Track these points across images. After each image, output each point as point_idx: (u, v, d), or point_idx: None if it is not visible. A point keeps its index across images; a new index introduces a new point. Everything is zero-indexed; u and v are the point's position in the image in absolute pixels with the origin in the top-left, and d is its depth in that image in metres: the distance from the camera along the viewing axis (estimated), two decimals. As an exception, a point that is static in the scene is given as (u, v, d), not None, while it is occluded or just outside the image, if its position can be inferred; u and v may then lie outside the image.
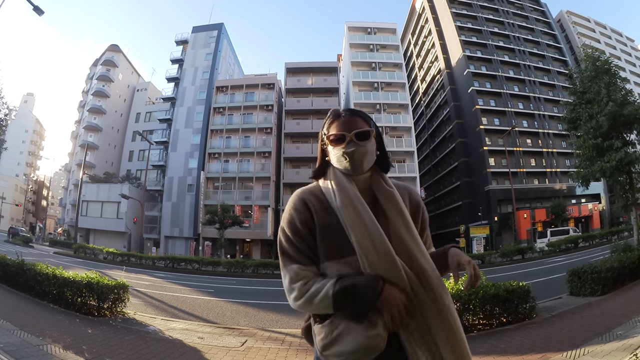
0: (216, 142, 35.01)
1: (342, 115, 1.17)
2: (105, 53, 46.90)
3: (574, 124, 11.19)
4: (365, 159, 1.12)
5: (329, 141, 1.15)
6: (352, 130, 1.12)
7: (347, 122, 1.14)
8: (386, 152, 1.22)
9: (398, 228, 1.08)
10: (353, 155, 1.11)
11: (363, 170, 1.14)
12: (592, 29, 54.17)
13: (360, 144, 1.11)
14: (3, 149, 16.17)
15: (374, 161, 1.17)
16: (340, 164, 1.13)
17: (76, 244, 24.87)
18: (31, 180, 65.15)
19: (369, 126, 1.15)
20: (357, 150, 1.11)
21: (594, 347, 3.49)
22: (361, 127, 1.14)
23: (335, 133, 1.14)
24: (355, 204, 1.07)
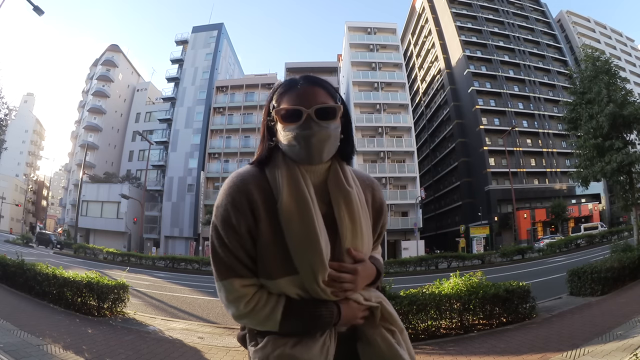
0: (216, 142, 35.03)
1: (299, 84, 0.88)
2: (105, 53, 46.90)
3: (574, 124, 11.20)
4: (326, 145, 0.85)
5: (279, 117, 0.85)
6: (312, 106, 0.83)
7: (306, 93, 0.85)
8: (352, 137, 0.95)
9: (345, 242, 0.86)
10: (310, 140, 0.82)
11: (322, 160, 0.87)
12: (592, 29, 54.17)
13: (322, 125, 0.83)
14: (3, 149, 16.17)
15: (337, 147, 0.89)
16: (292, 150, 0.85)
17: (76, 244, 24.88)
18: (31, 180, 65.17)
19: (334, 101, 0.87)
20: (316, 132, 0.82)
21: (594, 347, 3.49)
22: (324, 102, 0.85)
23: (287, 107, 0.84)
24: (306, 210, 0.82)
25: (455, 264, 16.96)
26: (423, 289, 4.69)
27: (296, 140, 0.83)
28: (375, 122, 33.96)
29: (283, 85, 0.90)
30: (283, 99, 0.87)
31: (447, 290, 4.65)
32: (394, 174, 32.39)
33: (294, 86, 0.87)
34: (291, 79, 0.90)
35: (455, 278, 4.89)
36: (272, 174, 0.87)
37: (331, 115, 0.85)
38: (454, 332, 4.50)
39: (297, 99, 0.85)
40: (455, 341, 4.21)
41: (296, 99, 0.85)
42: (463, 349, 3.89)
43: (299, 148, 0.84)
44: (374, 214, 0.99)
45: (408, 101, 36.31)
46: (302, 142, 0.83)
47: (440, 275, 5.44)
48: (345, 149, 0.94)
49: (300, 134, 0.82)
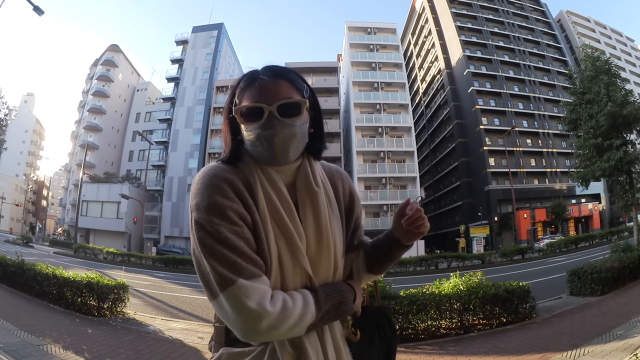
0: (216, 142, 35.01)
1: (259, 77, 0.78)
2: (105, 53, 46.91)
3: (575, 125, 11.21)
4: (291, 144, 0.77)
5: (239, 116, 0.77)
6: (274, 102, 0.75)
7: (267, 88, 0.76)
8: (321, 129, 0.87)
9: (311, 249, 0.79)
10: (273, 140, 0.75)
11: (288, 161, 0.79)
12: (592, 29, 54.18)
13: (286, 122, 0.75)
14: (3, 149, 16.19)
15: (305, 145, 0.81)
16: (255, 151, 0.78)
17: (76, 244, 24.88)
18: (31, 180, 65.15)
19: (300, 95, 0.79)
20: (279, 132, 0.75)
21: (594, 347, 3.49)
22: (288, 97, 0.76)
23: (247, 105, 0.76)
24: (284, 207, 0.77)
25: (455, 264, 16.96)
26: (423, 289, 4.70)
27: (258, 141, 0.75)
28: (375, 122, 33.95)
29: (244, 79, 0.81)
30: (244, 94, 0.79)
31: (447, 290, 4.65)
32: (394, 174, 32.39)
33: (255, 80, 0.78)
34: (252, 72, 0.81)
35: (455, 278, 4.89)
36: (248, 171, 0.79)
37: (296, 111, 0.77)
38: (454, 332, 4.50)
39: (258, 94, 0.76)
40: (455, 341, 4.21)
41: (257, 94, 0.76)
42: (463, 349, 3.89)
43: (262, 149, 0.76)
44: (346, 207, 0.92)
45: (408, 101, 36.30)
46: (264, 142, 0.75)
47: (440, 275, 5.45)
48: (315, 144, 0.86)
49: (262, 134, 0.75)
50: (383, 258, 0.90)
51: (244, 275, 0.68)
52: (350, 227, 0.93)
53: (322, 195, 0.84)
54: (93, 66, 48.80)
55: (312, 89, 0.85)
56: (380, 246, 0.89)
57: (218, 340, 0.82)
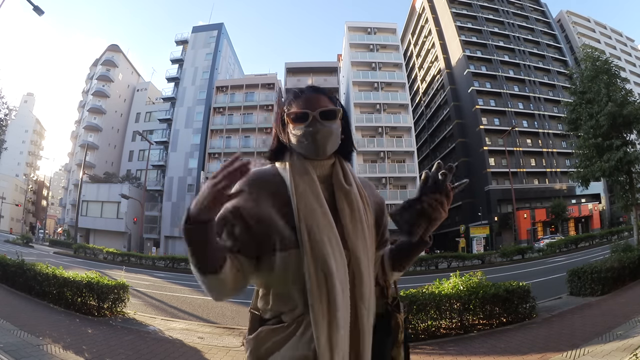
0: (216, 142, 35.02)
1: (305, 92, 1.04)
2: (105, 53, 46.90)
3: (575, 125, 11.20)
4: (329, 140, 0.99)
5: (289, 120, 1.01)
6: (317, 109, 0.99)
7: (311, 99, 1.01)
8: (351, 137, 1.10)
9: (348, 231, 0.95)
10: (316, 136, 0.97)
11: (326, 154, 1.01)
12: (592, 29, 54.17)
13: (325, 124, 0.98)
14: (3, 149, 16.18)
15: (338, 144, 1.04)
16: (301, 146, 0.99)
17: (76, 244, 24.88)
18: (31, 180, 65.15)
19: (334, 105, 1.03)
20: (320, 130, 0.97)
21: (594, 347, 3.50)
22: (326, 106, 1.00)
23: (296, 111, 1.00)
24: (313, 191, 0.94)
25: (455, 264, 16.96)
26: (423, 289, 4.69)
27: (304, 137, 0.98)
28: (375, 122, 33.93)
29: (292, 94, 1.05)
30: (292, 104, 1.03)
31: (447, 290, 4.65)
32: (394, 174, 32.38)
33: (302, 94, 1.03)
34: (299, 89, 1.06)
35: (455, 278, 4.89)
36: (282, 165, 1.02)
37: (332, 116, 1.00)
38: (454, 332, 4.50)
39: (304, 104, 1.00)
40: (455, 341, 4.21)
41: (303, 104, 1.00)
42: (463, 349, 3.89)
43: (306, 143, 0.98)
44: (376, 212, 1.09)
45: (408, 101, 36.29)
46: (309, 138, 0.97)
47: (440, 275, 5.45)
48: (346, 147, 1.09)
49: (307, 131, 0.97)
50: (405, 256, 1.08)
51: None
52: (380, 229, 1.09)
53: (355, 191, 1.02)
54: (93, 66, 48.80)
55: (343, 106, 1.08)
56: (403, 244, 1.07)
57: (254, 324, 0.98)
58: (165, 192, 34.88)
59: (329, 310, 0.85)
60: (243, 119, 35.58)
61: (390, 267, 1.09)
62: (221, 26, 41.67)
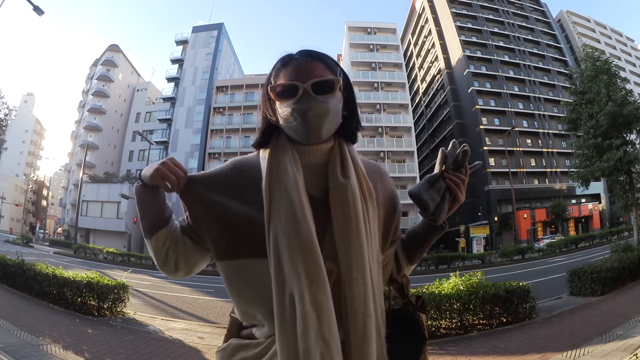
0: (216, 142, 35.05)
1: (295, 58, 0.82)
2: (105, 53, 46.92)
3: (575, 124, 11.21)
4: (325, 120, 0.78)
5: (274, 94, 0.81)
6: (309, 80, 0.77)
7: (302, 67, 0.80)
8: (356, 114, 0.89)
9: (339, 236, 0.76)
10: (307, 115, 0.76)
11: (321, 137, 0.80)
12: (592, 29, 54.17)
13: (319, 99, 0.77)
14: (3, 149, 16.17)
15: (338, 124, 0.83)
16: (289, 127, 0.80)
17: (76, 244, 24.87)
18: (31, 180, 65.16)
19: (333, 74, 0.81)
20: (313, 107, 0.76)
21: (594, 347, 3.49)
22: (321, 76, 0.79)
23: (282, 82, 0.80)
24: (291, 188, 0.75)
25: (455, 264, 16.96)
26: (423, 289, 4.69)
27: (293, 116, 0.78)
28: (375, 122, 33.94)
29: (279, 61, 0.84)
30: (279, 75, 0.82)
31: (447, 290, 4.65)
32: (394, 174, 32.33)
33: (290, 61, 0.82)
34: (287, 54, 0.84)
35: (455, 278, 4.89)
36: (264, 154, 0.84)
37: (329, 88, 0.79)
38: (454, 332, 4.50)
39: (293, 73, 0.79)
40: (455, 341, 4.21)
41: (292, 73, 0.79)
42: (463, 349, 3.89)
43: (295, 124, 0.78)
44: (386, 207, 0.91)
45: (408, 101, 36.32)
46: (298, 117, 0.77)
47: (440, 275, 5.44)
48: (349, 126, 0.87)
49: (297, 108, 0.77)
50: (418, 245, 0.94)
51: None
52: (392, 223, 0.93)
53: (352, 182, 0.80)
54: (93, 66, 48.81)
55: (345, 73, 0.87)
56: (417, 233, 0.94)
57: (231, 330, 0.88)
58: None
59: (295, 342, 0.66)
60: (243, 119, 35.59)
61: (406, 261, 0.95)
62: (221, 26, 41.69)
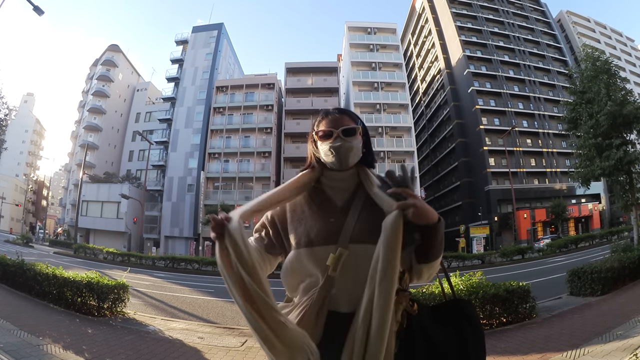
0: (216, 142, 35.01)
1: (330, 113, 1.23)
2: (105, 53, 46.90)
3: (574, 124, 11.20)
4: (350, 154, 1.17)
5: (318, 137, 1.21)
6: (340, 127, 1.17)
7: (335, 119, 1.20)
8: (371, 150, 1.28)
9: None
10: (339, 150, 1.16)
11: (348, 165, 1.20)
12: (592, 29, 54.16)
13: (346, 140, 1.16)
14: (3, 149, 16.15)
15: (359, 157, 1.22)
16: (328, 158, 1.20)
17: (76, 244, 24.87)
18: (31, 180, 65.13)
19: (355, 124, 1.21)
20: (343, 145, 1.16)
21: (594, 347, 3.49)
22: (348, 125, 1.19)
23: (324, 129, 1.19)
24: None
25: (455, 264, 16.96)
26: (423, 289, 4.69)
27: (330, 151, 1.17)
28: (375, 122, 33.92)
29: (321, 115, 1.24)
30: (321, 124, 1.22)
31: (447, 290, 4.64)
32: (394, 174, 32.32)
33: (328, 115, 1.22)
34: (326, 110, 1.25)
35: (455, 278, 4.88)
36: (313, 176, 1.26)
37: (353, 133, 1.18)
38: (454, 332, 4.49)
39: (330, 123, 1.19)
40: (455, 341, 4.19)
41: (329, 123, 1.19)
42: (463, 349, 3.87)
43: (332, 157, 1.17)
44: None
45: (408, 101, 36.30)
46: (334, 152, 1.16)
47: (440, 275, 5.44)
48: (367, 158, 1.26)
49: (332, 146, 1.16)
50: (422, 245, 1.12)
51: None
52: None
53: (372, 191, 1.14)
54: (93, 66, 48.80)
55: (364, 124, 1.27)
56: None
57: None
58: (165, 192, 34.86)
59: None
60: (243, 119, 35.58)
61: (416, 260, 1.16)
62: (221, 26, 41.66)
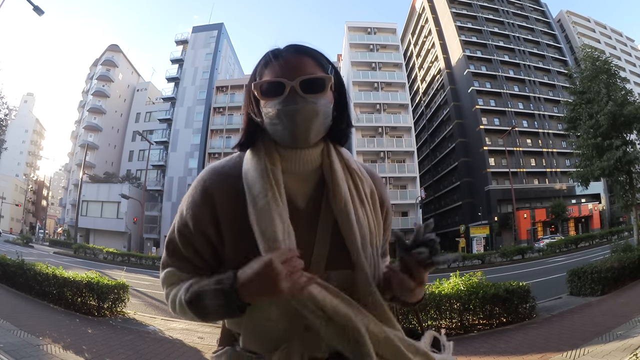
0: (216, 142, 35.04)
1: (283, 53, 0.75)
2: (105, 53, 46.92)
3: (574, 124, 11.20)
4: (313, 123, 0.72)
5: (258, 92, 0.74)
6: (297, 77, 0.71)
7: (290, 64, 0.73)
8: (347, 114, 0.83)
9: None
10: (294, 117, 0.70)
11: (309, 141, 0.74)
12: (592, 29, 54.16)
13: (308, 99, 0.71)
14: (3, 149, 16.19)
15: (327, 127, 0.77)
16: (274, 130, 0.73)
17: (76, 244, 24.87)
18: (31, 180, 65.19)
19: (324, 71, 0.75)
20: (301, 108, 0.70)
21: (594, 347, 3.49)
22: (311, 73, 0.73)
23: (268, 79, 0.73)
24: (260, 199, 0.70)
25: (455, 264, 16.94)
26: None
27: (278, 118, 0.71)
28: (375, 122, 33.93)
29: (265, 56, 0.76)
30: (265, 71, 0.75)
31: (447, 290, 4.65)
32: (394, 174, 32.37)
33: (277, 56, 0.74)
34: (275, 49, 0.76)
35: (455, 278, 4.89)
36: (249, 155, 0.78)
37: (319, 88, 0.72)
38: (454, 332, 4.49)
39: (280, 70, 0.72)
40: (455, 341, 4.12)
41: (279, 70, 0.72)
42: (463, 349, 3.88)
43: (281, 127, 0.72)
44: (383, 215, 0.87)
45: (408, 101, 36.30)
46: (284, 119, 0.71)
47: (440, 275, 5.43)
48: (339, 127, 0.81)
49: (283, 109, 0.70)
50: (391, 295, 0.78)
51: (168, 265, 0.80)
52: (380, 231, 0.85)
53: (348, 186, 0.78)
54: (93, 66, 48.81)
55: (337, 69, 0.79)
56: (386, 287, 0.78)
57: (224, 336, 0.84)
58: (165, 192, 34.89)
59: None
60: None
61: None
62: (221, 26, 41.68)
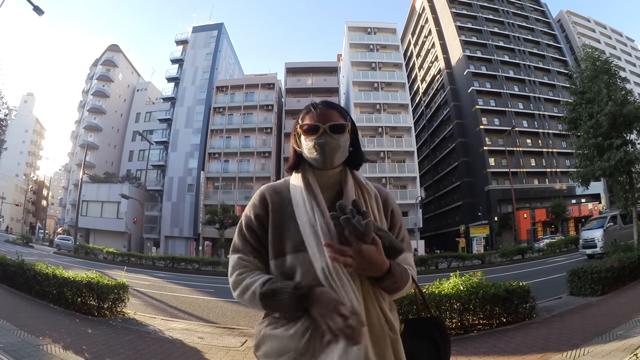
0: (216, 142, 35.05)
1: (318, 107, 1.13)
2: (105, 53, 46.93)
3: (575, 124, 11.20)
4: (336, 152, 1.08)
5: (302, 131, 1.11)
6: (327, 122, 1.07)
7: (322, 113, 1.10)
8: (360, 149, 1.18)
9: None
10: (324, 148, 1.06)
11: (333, 165, 1.10)
12: (592, 29, 54.17)
13: (333, 137, 1.07)
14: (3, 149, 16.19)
15: (345, 156, 1.13)
16: (311, 155, 1.09)
17: (76, 244, 24.88)
18: (31, 180, 65.16)
19: (344, 120, 1.11)
20: (329, 142, 1.06)
21: (594, 347, 3.49)
22: (336, 121, 1.09)
23: (309, 123, 1.09)
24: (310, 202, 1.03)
25: (455, 264, 16.96)
26: (423, 289, 4.69)
27: (314, 148, 1.07)
28: (375, 122, 33.94)
29: (306, 108, 1.14)
30: (306, 117, 1.12)
31: (447, 290, 4.65)
32: (394, 174, 32.38)
33: (315, 108, 1.12)
34: (313, 103, 1.14)
35: (455, 278, 4.88)
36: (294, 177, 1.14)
37: (341, 130, 1.09)
38: (454, 332, 4.49)
39: (316, 117, 1.09)
40: (455, 341, 4.20)
41: (316, 117, 1.09)
42: (463, 349, 3.88)
43: (316, 154, 1.08)
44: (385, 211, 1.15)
45: (408, 101, 36.31)
46: (318, 149, 1.07)
47: (440, 275, 5.44)
48: (355, 158, 1.17)
49: (317, 143, 1.07)
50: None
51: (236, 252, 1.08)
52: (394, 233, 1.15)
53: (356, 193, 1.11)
54: (93, 66, 48.82)
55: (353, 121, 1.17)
56: None
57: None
58: (165, 192, 34.88)
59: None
60: (243, 119, 35.60)
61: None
62: (221, 26, 41.69)
